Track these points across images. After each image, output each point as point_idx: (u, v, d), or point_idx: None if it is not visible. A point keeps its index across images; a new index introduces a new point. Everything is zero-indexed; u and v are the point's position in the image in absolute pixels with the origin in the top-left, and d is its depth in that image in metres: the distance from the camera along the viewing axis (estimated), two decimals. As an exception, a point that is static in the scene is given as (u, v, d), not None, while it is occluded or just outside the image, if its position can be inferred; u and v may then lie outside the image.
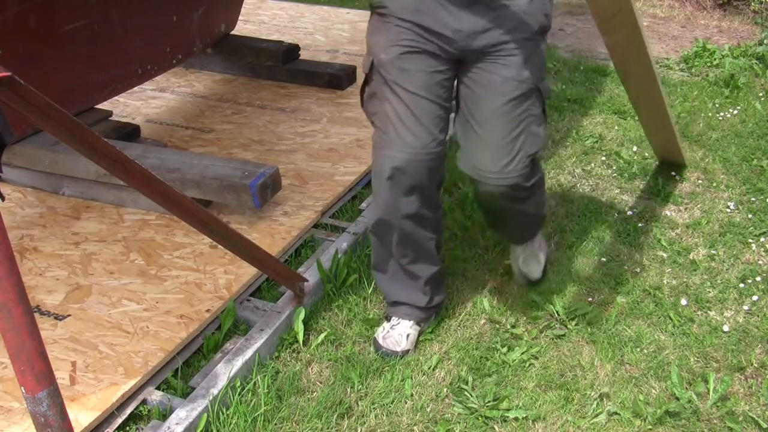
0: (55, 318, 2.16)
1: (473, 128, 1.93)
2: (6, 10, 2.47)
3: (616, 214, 2.95)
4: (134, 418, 1.92)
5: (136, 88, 3.56)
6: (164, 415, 1.90)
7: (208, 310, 2.21)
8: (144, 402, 1.94)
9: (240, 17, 4.14)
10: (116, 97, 3.35)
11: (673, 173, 3.30)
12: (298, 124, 3.49)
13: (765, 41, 4.88)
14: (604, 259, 2.66)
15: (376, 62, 1.91)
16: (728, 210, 3.02)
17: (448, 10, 1.80)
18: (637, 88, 2.63)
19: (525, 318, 2.35)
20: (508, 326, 2.31)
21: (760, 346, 2.27)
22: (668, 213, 2.99)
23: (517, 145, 1.90)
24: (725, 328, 2.33)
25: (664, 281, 2.56)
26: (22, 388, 1.37)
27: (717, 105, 4.04)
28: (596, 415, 1.99)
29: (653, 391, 2.09)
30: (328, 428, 1.93)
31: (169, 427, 1.82)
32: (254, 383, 2.02)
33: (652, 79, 2.49)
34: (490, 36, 1.82)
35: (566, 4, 6.16)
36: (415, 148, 1.91)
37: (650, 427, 1.96)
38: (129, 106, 3.64)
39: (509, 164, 1.91)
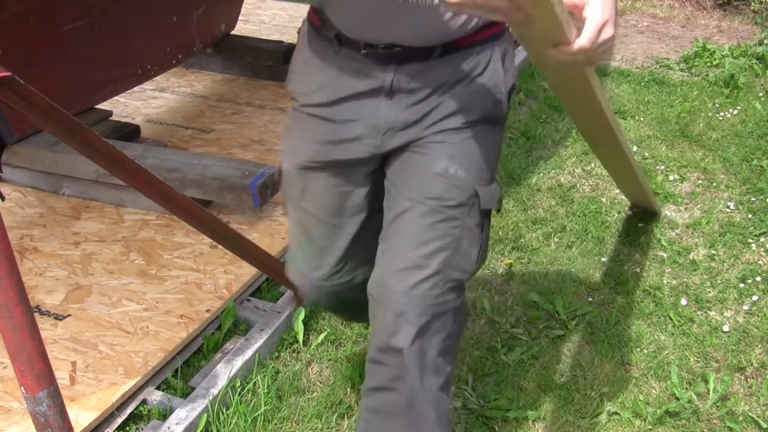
0: (55, 318, 2.15)
1: (384, 231, 1.46)
2: (6, 10, 2.47)
3: (616, 214, 2.95)
4: (134, 418, 1.92)
5: (136, 88, 3.56)
6: (164, 415, 1.90)
7: (208, 310, 2.21)
8: (144, 402, 1.94)
9: (240, 17, 4.14)
10: (116, 97, 3.34)
11: (674, 174, 3.30)
12: (298, 124, 3.49)
13: (765, 41, 4.88)
14: (604, 259, 2.66)
15: (282, 169, 1.54)
16: (728, 210, 3.02)
17: (361, 100, 1.38)
18: (606, 156, 2.46)
19: (525, 318, 2.35)
20: (508, 326, 2.31)
21: (760, 346, 2.27)
22: (668, 213, 2.99)
23: (433, 264, 1.36)
24: (725, 328, 2.33)
25: (664, 281, 2.56)
26: (22, 388, 1.37)
27: (717, 105, 4.04)
28: (596, 415, 1.99)
29: (653, 391, 2.09)
30: (328, 428, 1.93)
31: (169, 427, 1.82)
32: (254, 383, 2.02)
33: (622, 153, 2.23)
34: (413, 132, 1.39)
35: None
36: (314, 280, 1.57)
37: (650, 427, 1.96)
38: (129, 106, 3.64)
39: (419, 285, 1.36)
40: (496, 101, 1.40)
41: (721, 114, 3.92)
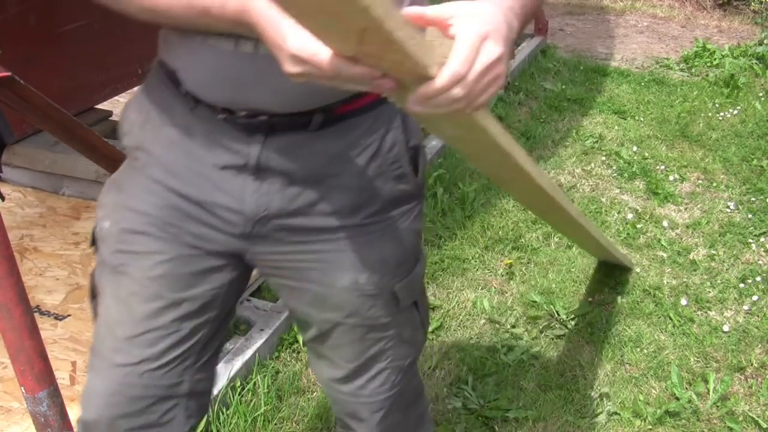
0: (55, 318, 2.15)
1: (310, 342, 1.23)
2: (6, 10, 2.47)
3: (616, 214, 2.95)
4: (134, 418, 1.92)
5: (136, 88, 3.56)
6: (164, 415, 1.90)
7: (208, 310, 2.20)
8: (144, 402, 1.94)
9: (240, 17, 4.13)
10: (116, 97, 3.35)
11: (674, 174, 3.30)
12: (298, 124, 3.49)
13: (765, 41, 4.88)
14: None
15: (98, 232, 1.14)
16: (728, 210, 3.02)
17: (222, 177, 1.03)
18: (556, 221, 2.12)
19: (525, 318, 2.36)
20: (508, 326, 2.31)
21: (760, 346, 2.27)
22: (668, 213, 2.99)
23: (377, 364, 1.20)
24: (725, 328, 2.33)
25: (664, 281, 2.56)
26: (22, 388, 1.37)
27: (717, 105, 4.04)
28: (596, 415, 1.99)
29: (653, 391, 2.09)
30: (327, 428, 1.93)
31: (169, 427, 1.82)
32: (254, 383, 2.02)
33: (567, 214, 1.83)
34: (295, 222, 1.06)
35: (566, 4, 6.16)
36: (125, 373, 1.08)
37: (650, 427, 1.97)
38: (129, 106, 3.64)
39: (367, 385, 1.21)
40: (399, 177, 1.08)
41: (721, 114, 3.92)
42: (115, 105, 3.57)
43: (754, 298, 2.47)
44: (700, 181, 3.25)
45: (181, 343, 1.10)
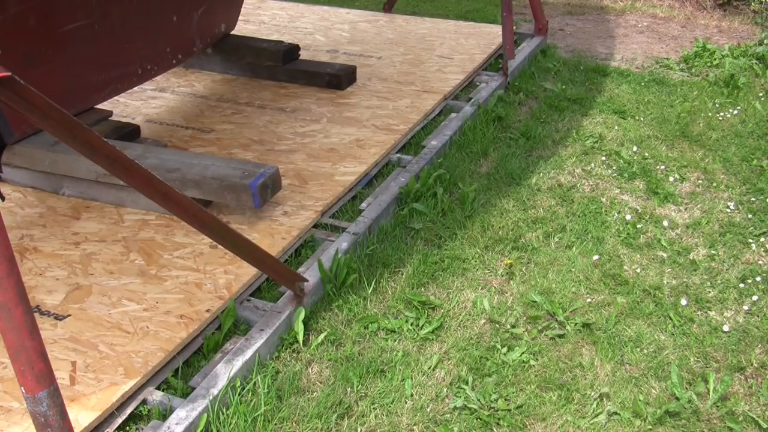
0: (55, 318, 2.16)
1: None
2: (6, 10, 2.47)
3: (616, 214, 2.95)
4: (134, 418, 1.92)
5: (136, 88, 3.56)
6: (164, 415, 1.90)
7: (208, 310, 2.21)
8: (144, 402, 1.94)
9: (240, 17, 4.14)
10: (116, 97, 3.35)
11: (674, 174, 3.30)
12: (298, 124, 3.49)
13: (765, 41, 4.88)
14: (603, 259, 2.66)
15: None
16: (728, 210, 3.02)
17: None
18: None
19: (525, 318, 2.36)
20: (508, 326, 2.31)
21: (760, 346, 2.27)
22: (668, 213, 2.99)
23: None
24: (725, 328, 2.33)
25: (664, 281, 2.56)
26: (22, 388, 1.37)
27: (717, 105, 4.04)
28: (596, 415, 1.99)
29: (653, 391, 2.09)
30: (328, 428, 1.93)
31: (169, 427, 1.82)
32: (254, 383, 2.02)
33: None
34: None
35: (566, 4, 6.16)
36: None
37: (650, 427, 1.97)
38: (129, 106, 3.64)
39: None
40: None
41: (721, 114, 3.92)
42: (115, 105, 3.58)
43: (754, 298, 2.47)
44: (700, 181, 3.25)
45: None
